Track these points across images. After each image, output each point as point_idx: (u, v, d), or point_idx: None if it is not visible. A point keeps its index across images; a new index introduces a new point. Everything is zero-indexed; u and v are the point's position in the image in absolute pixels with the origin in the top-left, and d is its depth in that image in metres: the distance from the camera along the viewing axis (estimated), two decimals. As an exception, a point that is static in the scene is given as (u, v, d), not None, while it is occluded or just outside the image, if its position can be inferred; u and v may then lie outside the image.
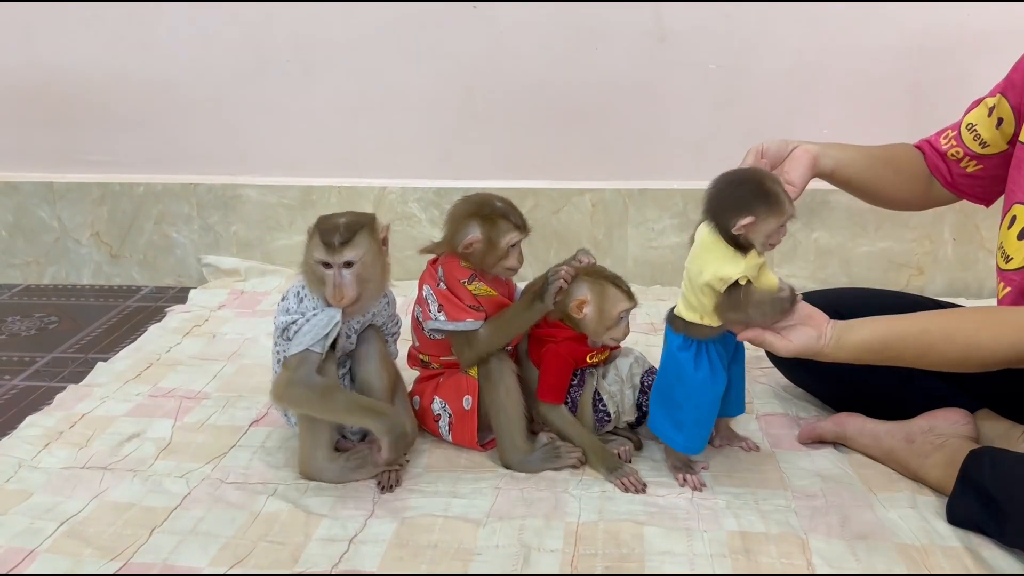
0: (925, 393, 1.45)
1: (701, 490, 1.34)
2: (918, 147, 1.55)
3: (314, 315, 1.35)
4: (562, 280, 1.39)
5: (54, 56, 2.32)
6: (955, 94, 2.15)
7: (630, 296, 1.43)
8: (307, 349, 1.33)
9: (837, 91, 2.19)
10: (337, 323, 1.34)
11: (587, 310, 1.40)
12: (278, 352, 1.40)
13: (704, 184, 2.25)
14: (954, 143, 1.48)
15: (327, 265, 1.32)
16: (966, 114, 1.48)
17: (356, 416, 1.36)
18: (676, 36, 2.17)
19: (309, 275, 1.36)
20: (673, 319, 1.32)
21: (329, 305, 1.35)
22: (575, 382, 1.44)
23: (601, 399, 1.43)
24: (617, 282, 1.43)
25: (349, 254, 1.31)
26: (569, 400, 1.44)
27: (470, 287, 1.43)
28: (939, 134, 1.53)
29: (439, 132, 2.33)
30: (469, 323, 1.42)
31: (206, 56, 2.30)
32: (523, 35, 2.21)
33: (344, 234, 1.31)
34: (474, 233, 1.42)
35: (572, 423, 1.42)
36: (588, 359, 1.44)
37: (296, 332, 1.35)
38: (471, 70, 2.26)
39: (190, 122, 2.36)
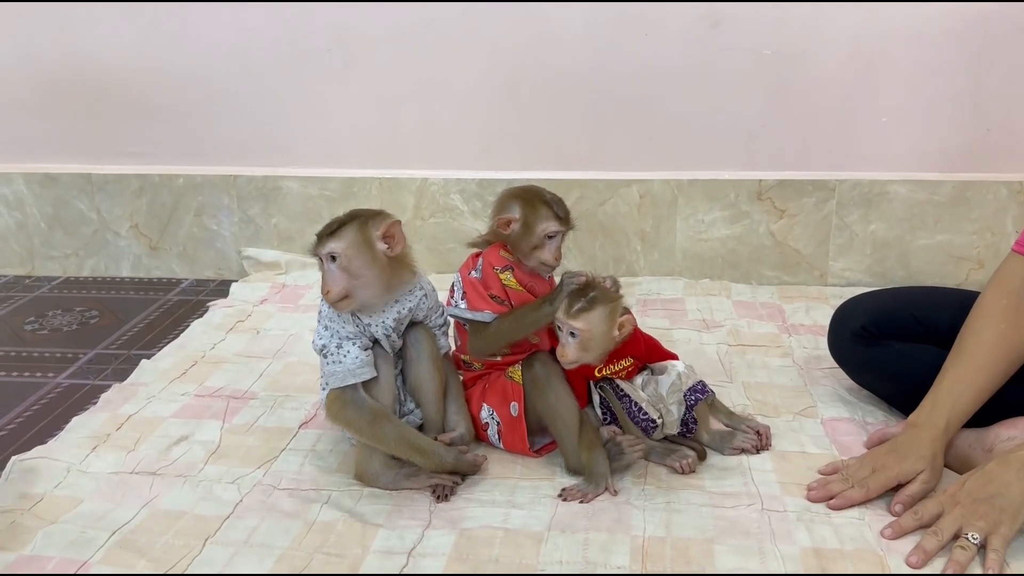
0: (1000, 399, 1.38)
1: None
2: (1017, 251, 1.39)
3: (344, 353, 1.33)
4: (576, 284, 1.33)
5: (92, 48, 2.29)
6: (1018, 80, 2.09)
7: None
8: None
9: (896, 78, 2.11)
10: (366, 371, 1.33)
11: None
12: (322, 367, 1.37)
13: (758, 175, 2.21)
14: None
15: (320, 260, 1.32)
16: None
17: (402, 450, 1.33)
18: (730, 21, 2.10)
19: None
20: None
21: (356, 316, 1.35)
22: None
23: (640, 408, 1.37)
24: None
25: (331, 245, 1.30)
26: (606, 410, 1.40)
27: (501, 276, 1.40)
28: None
29: (482, 122, 2.28)
30: (486, 314, 1.39)
31: (246, 47, 2.26)
32: (568, 22, 2.15)
33: (330, 227, 1.31)
34: (513, 212, 1.40)
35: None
36: (596, 373, 1.39)
37: (330, 360, 1.34)
38: (515, 58, 2.20)
39: (230, 113, 2.33)
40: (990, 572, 1.12)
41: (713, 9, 2.09)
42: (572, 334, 1.31)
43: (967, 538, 1.14)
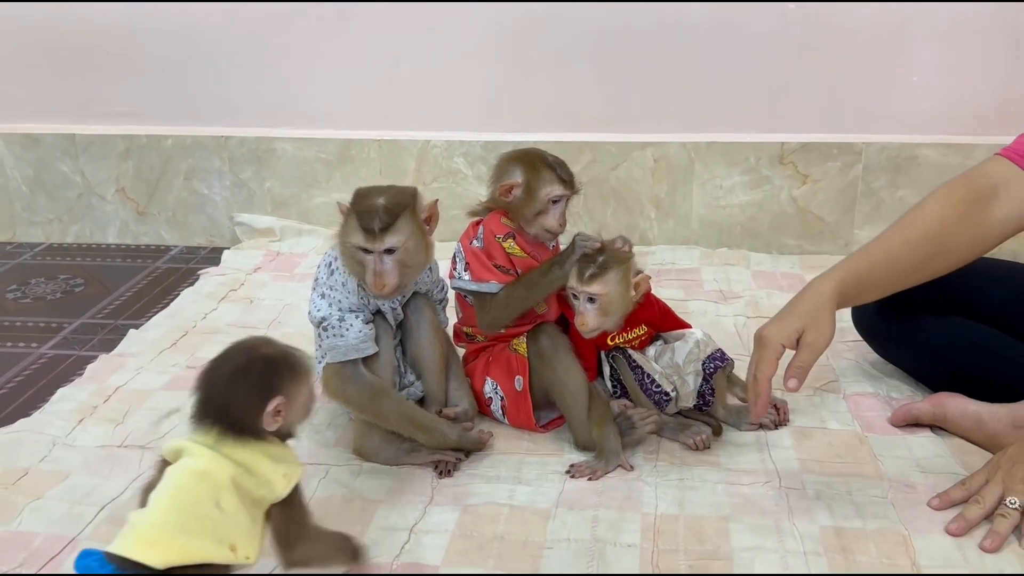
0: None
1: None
2: (1007, 156, 1.36)
3: (347, 327, 1.33)
4: (589, 248, 1.33)
5: (76, 2, 2.28)
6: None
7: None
8: None
9: (928, 35, 2.10)
10: (369, 346, 1.33)
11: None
12: (318, 339, 1.37)
13: (780, 137, 2.20)
14: None
15: (366, 251, 1.28)
16: None
17: (404, 427, 1.33)
18: (751, -27, 2.09)
19: (347, 257, 1.31)
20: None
21: (361, 287, 1.33)
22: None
23: (653, 380, 1.38)
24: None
25: (391, 240, 1.26)
26: (616, 383, 1.41)
27: (504, 244, 1.40)
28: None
29: (487, 81, 2.27)
30: (492, 285, 1.39)
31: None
32: (580, -27, 2.13)
33: (385, 219, 1.25)
34: (514, 177, 1.39)
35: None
36: (609, 341, 1.39)
37: (330, 333, 1.33)
38: (523, 11, 2.19)
39: (221, 71, 2.32)
40: None
41: (734, -40, 2.08)
42: (591, 300, 1.32)
43: (1007, 504, 1.15)
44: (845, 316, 1.69)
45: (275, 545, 0.98)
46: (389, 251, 1.27)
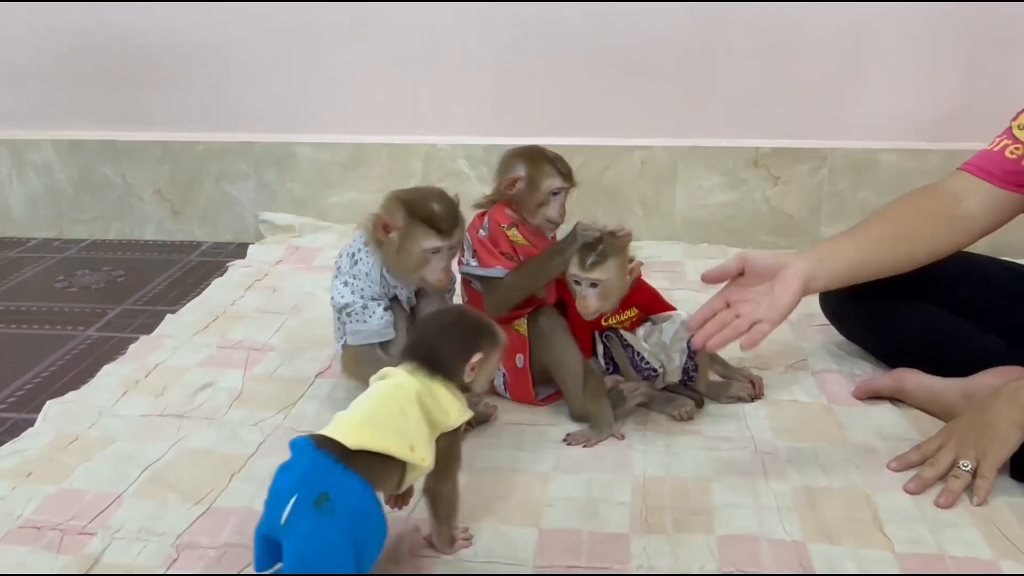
0: (983, 350, 1.40)
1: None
2: (967, 170, 1.37)
3: (370, 313, 1.34)
4: (590, 238, 1.34)
5: (117, 19, 2.29)
6: (1003, 50, 2.08)
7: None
8: None
9: (886, 49, 2.11)
10: (390, 331, 1.36)
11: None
12: (339, 323, 1.38)
13: (755, 143, 2.21)
14: (1008, 140, 1.35)
15: (436, 250, 1.31)
16: (1012, 122, 1.37)
17: None
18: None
19: (405, 261, 1.33)
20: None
21: (385, 273, 1.35)
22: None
23: (642, 357, 1.39)
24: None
25: (458, 236, 1.34)
26: (609, 360, 1.42)
27: (508, 233, 1.40)
28: (985, 151, 1.38)
29: (488, 90, 2.28)
30: (498, 270, 1.39)
31: (263, 19, 2.25)
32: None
33: (454, 219, 1.32)
34: (518, 171, 1.40)
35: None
36: (603, 322, 1.40)
37: (354, 319, 1.34)
38: (520, 26, 2.20)
39: (247, 83, 2.33)
40: (978, 496, 1.14)
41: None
42: (592, 285, 1.32)
43: (960, 467, 1.17)
44: (814, 303, 1.71)
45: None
46: (452, 248, 1.34)
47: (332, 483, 0.90)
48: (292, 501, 0.89)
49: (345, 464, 0.92)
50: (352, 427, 0.95)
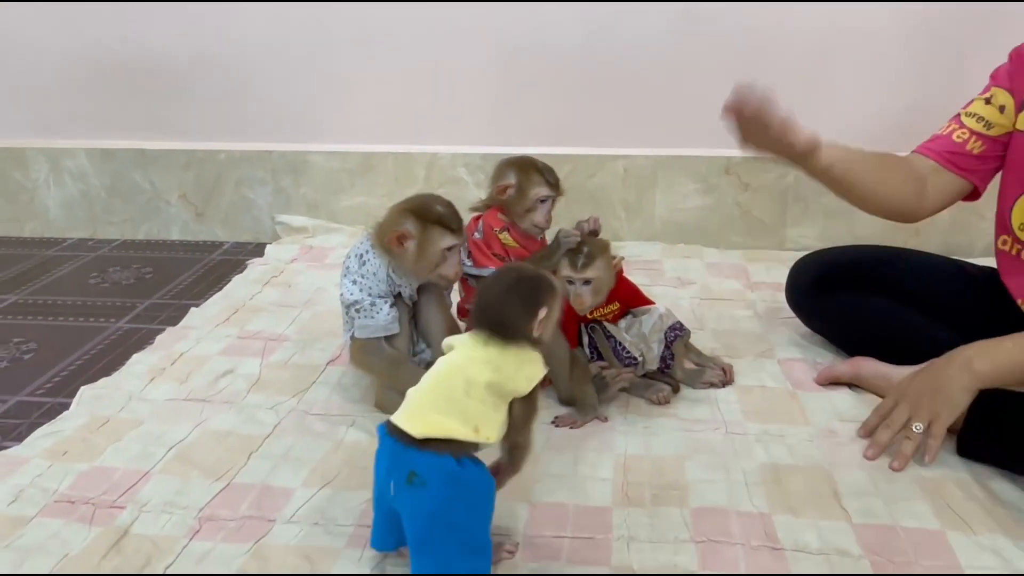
0: (932, 339, 1.40)
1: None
2: (919, 152, 1.41)
3: (377, 310, 1.34)
4: (571, 244, 1.35)
5: (145, 36, 2.28)
6: (937, 67, 2.09)
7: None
8: None
9: (845, 64, 2.11)
10: (395, 326, 1.35)
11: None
12: (347, 318, 1.38)
13: (727, 152, 2.21)
14: (956, 126, 1.37)
15: (450, 248, 1.31)
16: (962, 111, 1.39)
17: None
18: (703, 13, 2.09)
19: (424, 263, 1.33)
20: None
21: (391, 273, 1.34)
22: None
23: (624, 347, 1.39)
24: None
25: (463, 231, 1.35)
26: (593, 349, 1.42)
27: (500, 236, 1.41)
28: (936, 134, 1.40)
29: (486, 102, 2.27)
30: (490, 270, 1.40)
31: (279, 36, 2.24)
32: (562, 12, 2.13)
33: (458, 217, 1.33)
34: (509, 179, 1.41)
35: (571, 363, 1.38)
36: (588, 315, 1.40)
37: (362, 315, 1.34)
38: (514, 45, 2.19)
39: (265, 96, 2.32)
40: (929, 455, 1.15)
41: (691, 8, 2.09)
42: (586, 283, 1.33)
43: (913, 428, 1.17)
44: (780, 298, 1.71)
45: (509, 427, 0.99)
46: (463, 243, 1.36)
47: (414, 462, 0.90)
48: (392, 485, 0.91)
49: (418, 447, 0.91)
50: (417, 415, 0.93)
